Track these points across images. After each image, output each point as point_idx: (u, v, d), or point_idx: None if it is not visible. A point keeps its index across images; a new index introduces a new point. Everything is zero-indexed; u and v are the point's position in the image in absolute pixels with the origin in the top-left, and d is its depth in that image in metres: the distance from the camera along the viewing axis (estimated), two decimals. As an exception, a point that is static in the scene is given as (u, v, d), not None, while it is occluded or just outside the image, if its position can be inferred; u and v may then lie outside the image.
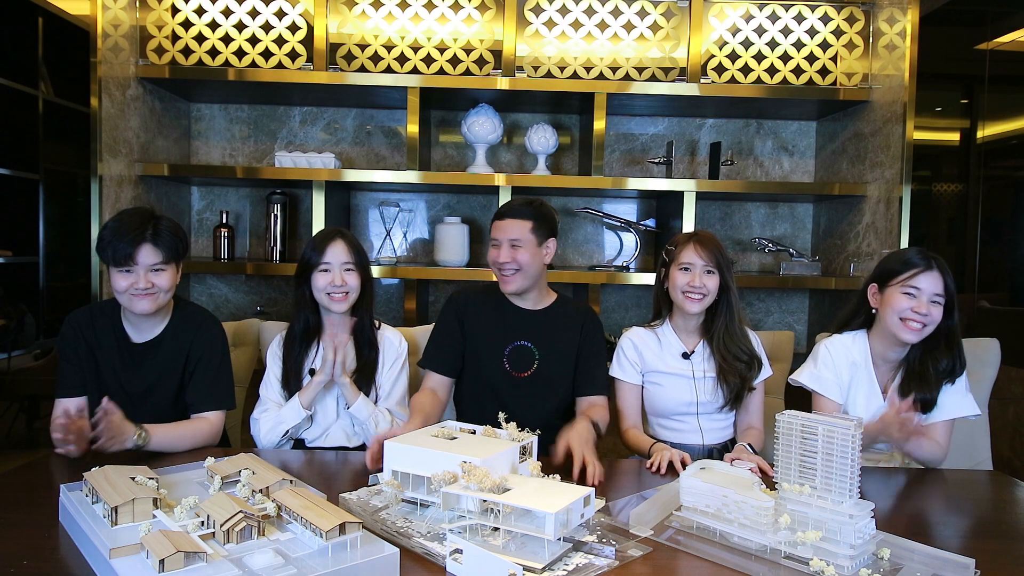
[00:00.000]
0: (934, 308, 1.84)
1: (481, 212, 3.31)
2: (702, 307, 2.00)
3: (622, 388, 2.11)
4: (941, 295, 1.84)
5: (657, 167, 3.23)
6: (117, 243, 1.76)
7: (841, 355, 1.95)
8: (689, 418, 2.05)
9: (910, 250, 1.92)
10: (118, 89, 2.71)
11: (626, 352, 2.10)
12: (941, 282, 1.85)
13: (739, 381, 2.00)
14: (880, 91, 2.87)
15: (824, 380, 1.95)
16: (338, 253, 1.96)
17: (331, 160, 2.92)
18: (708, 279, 1.98)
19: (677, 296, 2.02)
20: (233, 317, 3.23)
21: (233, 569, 1.11)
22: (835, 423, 1.25)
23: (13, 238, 3.80)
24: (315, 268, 1.96)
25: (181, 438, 1.80)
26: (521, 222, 2.00)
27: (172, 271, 1.84)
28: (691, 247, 2.01)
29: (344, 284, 1.95)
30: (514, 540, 1.21)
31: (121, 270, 1.78)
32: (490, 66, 2.89)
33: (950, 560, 1.22)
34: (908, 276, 1.86)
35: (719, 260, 1.99)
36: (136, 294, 1.78)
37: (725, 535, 1.32)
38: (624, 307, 3.39)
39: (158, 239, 1.80)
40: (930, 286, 1.84)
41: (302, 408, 1.93)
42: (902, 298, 1.85)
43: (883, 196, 2.84)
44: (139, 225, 1.78)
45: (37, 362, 3.89)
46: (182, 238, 1.87)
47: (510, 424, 1.52)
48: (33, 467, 1.70)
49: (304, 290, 2.00)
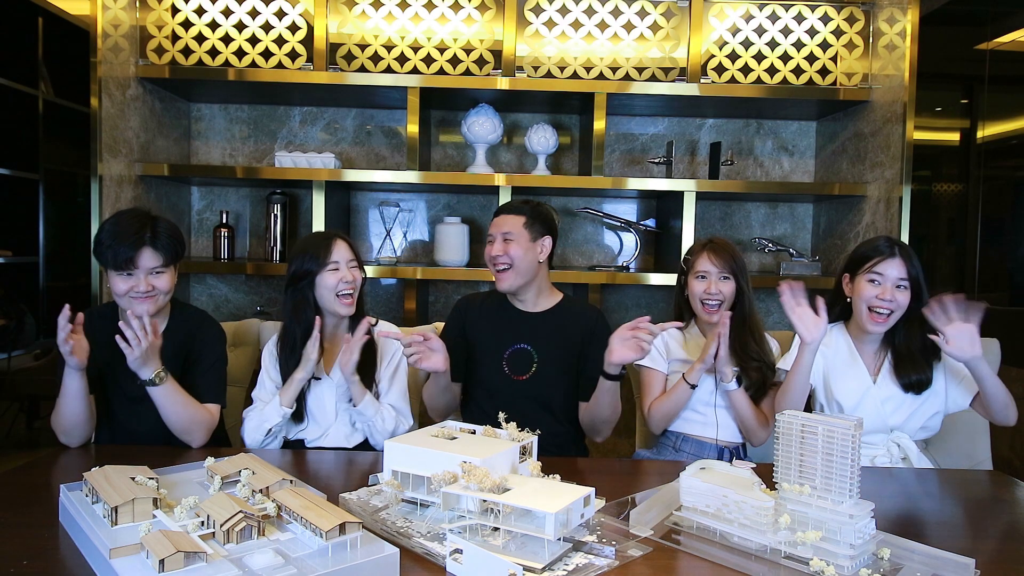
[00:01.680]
0: (899, 294, 1.91)
1: (481, 212, 3.31)
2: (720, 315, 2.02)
3: (647, 374, 2.12)
4: (905, 279, 1.91)
5: (657, 167, 3.23)
6: (117, 247, 1.75)
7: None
8: (708, 409, 2.06)
9: (877, 238, 2.00)
10: (118, 89, 2.71)
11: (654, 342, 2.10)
12: (904, 267, 1.91)
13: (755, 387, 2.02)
14: (880, 91, 2.87)
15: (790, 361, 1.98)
16: (343, 251, 1.98)
17: (331, 160, 2.92)
18: (724, 285, 2.04)
19: (697, 305, 2.08)
20: (233, 317, 3.23)
21: (233, 569, 1.11)
22: (835, 423, 1.25)
23: (13, 238, 3.80)
24: (323, 269, 1.95)
25: (186, 406, 1.81)
26: (515, 217, 2.03)
27: (171, 273, 1.84)
28: (705, 255, 2.07)
29: (354, 280, 1.97)
30: (514, 540, 1.21)
31: (121, 274, 1.78)
32: (490, 66, 2.89)
33: (950, 560, 1.21)
34: (872, 264, 1.94)
35: (733, 266, 2.04)
36: (136, 297, 1.78)
37: (725, 535, 1.32)
38: (624, 307, 3.39)
39: (157, 242, 1.79)
40: (893, 272, 1.91)
41: (282, 407, 1.91)
42: (867, 286, 1.93)
43: (883, 196, 2.84)
44: (138, 228, 1.78)
45: (37, 362, 3.89)
46: (180, 239, 1.87)
47: (510, 424, 1.52)
48: (33, 467, 1.70)
49: (307, 294, 1.97)
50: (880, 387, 1.97)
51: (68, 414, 1.77)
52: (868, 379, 1.98)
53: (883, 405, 1.96)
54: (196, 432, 1.83)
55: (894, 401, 1.96)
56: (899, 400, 1.96)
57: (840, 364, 2.01)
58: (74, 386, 1.74)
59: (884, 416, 1.95)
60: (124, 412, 1.88)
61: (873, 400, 1.96)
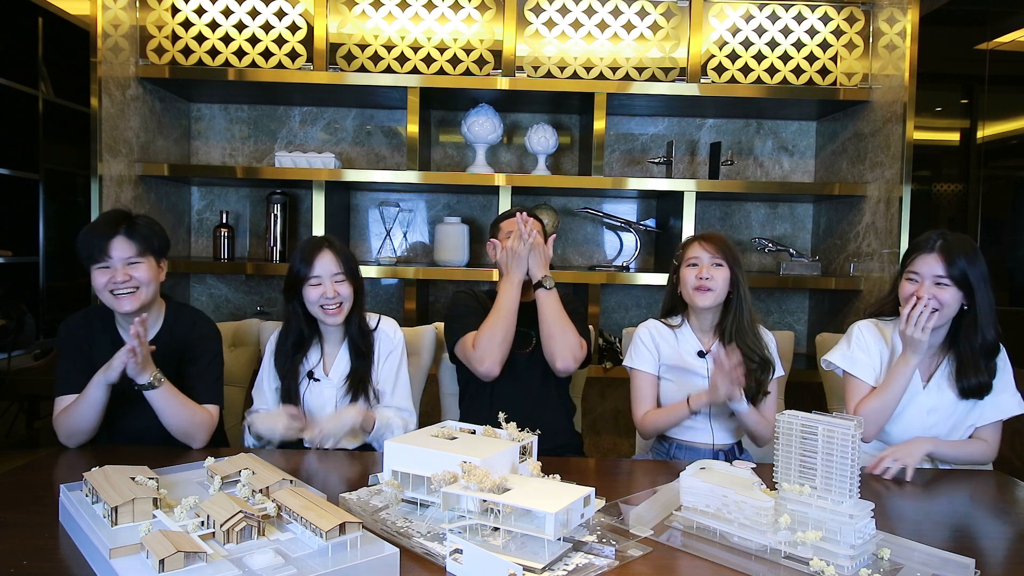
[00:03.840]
0: (941, 291, 1.76)
1: (481, 212, 3.31)
2: (713, 301, 1.98)
3: (638, 378, 2.07)
4: (943, 276, 1.76)
5: (657, 167, 3.23)
6: (90, 239, 1.78)
7: (873, 338, 1.91)
8: (701, 418, 2.03)
9: (928, 232, 1.85)
10: (118, 89, 2.71)
11: (644, 341, 2.08)
12: (941, 264, 1.76)
13: (753, 384, 1.97)
14: (880, 91, 2.87)
15: (858, 361, 1.90)
16: (327, 264, 1.93)
17: (331, 160, 2.92)
18: (716, 271, 1.97)
19: (688, 293, 2.00)
20: (233, 317, 3.23)
21: (233, 569, 1.11)
22: (835, 423, 1.25)
23: (13, 238, 3.80)
24: (304, 282, 1.93)
25: (184, 408, 1.81)
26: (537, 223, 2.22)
27: (150, 264, 1.83)
28: (696, 243, 2.02)
29: (336, 295, 1.93)
30: (514, 540, 1.21)
31: (98, 266, 1.79)
32: (490, 66, 2.89)
33: (950, 560, 1.21)
34: (910, 260, 1.83)
35: (726, 254, 1.98)
36: (118, 292, 1.79)
37: (725, 535, 1.32)
38: (624, 307, 3.39)
39: (132, 232, 1.81)
40: (929, 269, 1.78)
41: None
42: (906, 284, 1.82)
43: (883, 196, 2.84)
44: (112, 222, 1.81)
45: (37, 362, 3.89)
46: (158, 232, 1.87)
47: (510, 424, 1.52)
48: (33, 467, 1.70)
49: (295, 304, 1.97)
50: (929, 394, 1.85)
51: (82, 421, 1.77)
52: (918, 384, 1.85)
53: (928, 415, 1.85)
54: (197, 434, 1.83)
55: (941, 411, 1.84)
56: (949, 409, 1.85)
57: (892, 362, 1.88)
58: (99, 397, 1.75)
59: (927, 426, 1.85)
60: (124, 412, 1.88)
61: (918, 409, 1.85)
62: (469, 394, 2.24)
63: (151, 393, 1.77)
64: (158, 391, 1.76)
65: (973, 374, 1.81)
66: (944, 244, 1.79)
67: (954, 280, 1.76)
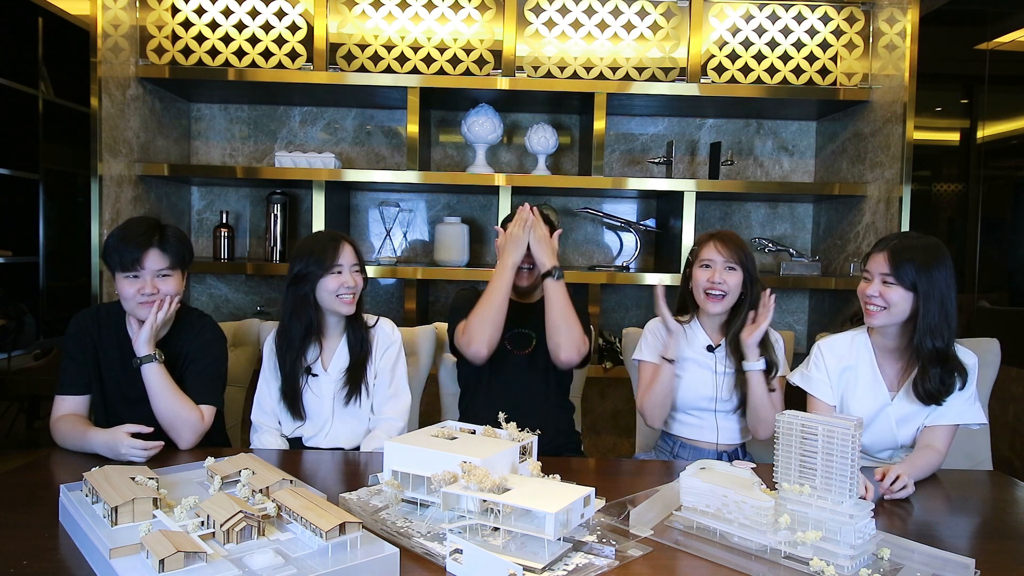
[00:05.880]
0: (888, 290, 1.74)
1: (481, 212, 3.31)
2: (723, 307, 1.99)
3: (645, 369, 2.07)
4: (889, 275, 1.74)
5: (657, 167, 3.23)
6: (124, 248, 1.78)
7: (833, 356, 1.90)
8: (707, 415, 2.04)
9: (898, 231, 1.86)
10: (118, 89, 2.71)
11: (654, 334, 2.08)
12: (887, 263, 1.74)
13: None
14: (880, 91, 2.87)
15: (814, 380, 1.91)
16: (348, 256, 1.99)
17: (331, 160, 2.92)
18: (729, 276, 1.96)
19: (699, 295, 2.01)
20: (233, 317, 3.23)
21: (233, 569, 1.11)
22: (835, 423, 1.25)
23: (13, 238, 3.80)
24: (326, 272, 1.96)
25: (175, 396, 1.80)
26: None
27: (178, 278, 1.85)
28: (711, 244, 2.00)
29: (355, 285, 1.99)
30: (514, 540, 1.21)
31: (128, 275, 1.79)
32: (490, 66, 2.89)
33: (950, 560, 1.21)
34: (867, 258, 1.83)
35: (741, 257, 1.97)
36: (143, 301, 1.79)
37: (725, 535, 1.32)
38: (624, 307, 3.39)
39: (165, 244, 1.82)
40: (877, 267, 1.77)
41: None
42: (861, 282, 1.82)
43: (883, 196, 2.84)
44: (146, 231, 1.81)
45: (37, 362, 3.89)
46: (188, 246, 1.90)
47: (510, 424, 1.52)
48: (33, 467, 1.70)
49: (307, 294, 1.98)
50: (897, 405, 1.83)
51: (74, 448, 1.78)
52: (886, 395, 1.84)
53: (897, 426, 1.83)
54: (182, 430, 1.81)
55: (912, 422, 1.83)
56: (918, 419, 1.82)
57: (859, 378, 1.87)
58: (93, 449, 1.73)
59: (896, 437, 1.84)
60: (124, 413, 1.88)
61: (887, 419, 1.84)
62: (469, 394, 2.24)
63: (147, 368, 1.78)
64: (154, 366, 1.78)
65: (927, 380, 1.76)
66: (896, 245, 1.76)
67: (900, 282, 1.73)
